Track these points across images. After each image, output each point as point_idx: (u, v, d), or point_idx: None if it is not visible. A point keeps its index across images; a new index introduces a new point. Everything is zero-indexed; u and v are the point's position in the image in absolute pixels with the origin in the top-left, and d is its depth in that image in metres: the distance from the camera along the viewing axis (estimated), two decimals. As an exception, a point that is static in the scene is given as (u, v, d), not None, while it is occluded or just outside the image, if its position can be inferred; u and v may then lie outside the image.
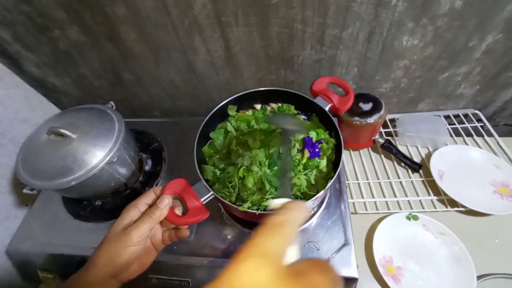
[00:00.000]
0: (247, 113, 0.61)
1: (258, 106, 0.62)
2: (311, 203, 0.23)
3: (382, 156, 0.78)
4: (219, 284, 0.17)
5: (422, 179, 0.72)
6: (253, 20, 0.58)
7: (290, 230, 0.19)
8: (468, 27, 0.57)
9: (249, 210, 0.44)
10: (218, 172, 0.51)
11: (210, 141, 0.56)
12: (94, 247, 0.38)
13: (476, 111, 0.79)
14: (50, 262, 0.62)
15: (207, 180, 0.50)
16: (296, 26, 0.59)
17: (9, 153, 0.71)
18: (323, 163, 0.50)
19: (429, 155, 0.73)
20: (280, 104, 0.60)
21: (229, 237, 0.59)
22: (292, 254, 0.19)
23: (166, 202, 0.40)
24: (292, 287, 0.17)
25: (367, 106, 0.68)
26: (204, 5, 0.56)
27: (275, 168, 0.46)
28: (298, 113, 0.59)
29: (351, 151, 0.80)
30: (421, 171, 0.72)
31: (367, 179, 0.73)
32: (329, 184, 0.45)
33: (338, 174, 0.46)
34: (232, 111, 0.58)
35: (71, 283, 0.36)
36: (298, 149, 0.50)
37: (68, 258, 0.61)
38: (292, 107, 0.59)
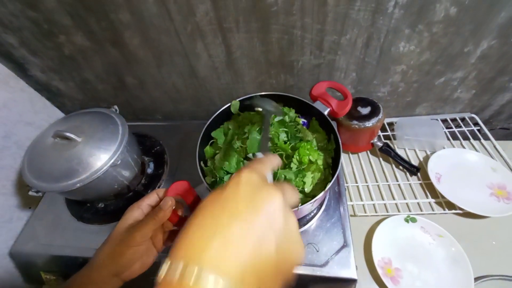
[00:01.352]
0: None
1: (260, 109, 0.63)
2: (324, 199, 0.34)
3: (381, 159, 0.79)
4: (226, 183, 0.25)
5: (420, 182, 0.73)
6: (253, 26, 0.60)
7: (268, 164, 0.30)
8: (463, 33, 0.59)
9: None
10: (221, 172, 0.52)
11: (211, 141, 0.58)
12: (97, 248, 0.39)
13: (473, 115, 0.80)
14: (53, 263, 0.63)
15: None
16: (295, 32, 0.60)
17: (13, 156, 0.72)
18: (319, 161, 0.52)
19: (426, 158, 0.74)
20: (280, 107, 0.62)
21: (230, 238, 0.59)
22: (269, 178, 0.30)
23: (169, 204, 0.41)
24: (270, 185, 0.25)
25: (365, 110, 0.69)
26: (206, 12, 0.57)
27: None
28: (298, 117, 0.60)
29: (350, 154, 0.81)
30: (419, 174, 0.73)
31: (366, 182, 0.74)
32: (328, 187, 0.46)
33: (337, 176, 0.47)
34: (234, 108, 0.60)
35: (74, 281, 0.37)
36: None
37: (71, 260, 0.61)
38: (293, 111, 0.60)
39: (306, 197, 0.49)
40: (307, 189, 0.49)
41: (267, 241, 0.22)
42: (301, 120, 0.59)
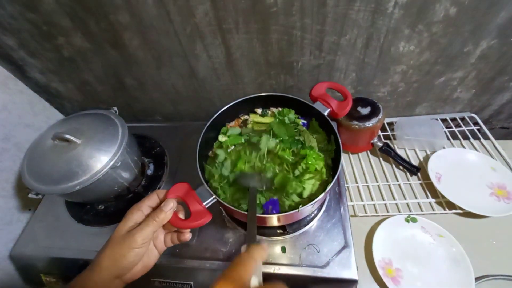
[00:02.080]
0: (245, 117, 0.62)
1: (259, 110, 0.63)
2: (267, 248, 0.35)
3: (381, 159, 0.79)
4: None
5: (420, 181, 0.73)
6: (253, 27, 0.60)
7: (250, 264, 0.28)
8: (463, 33, 0.59)
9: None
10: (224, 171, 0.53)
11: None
12: (97, 250, 0.39)
13: (473, 115, 0.80)
14: (53, 265, 0.63)
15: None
16: (295, 33, 0.60)
17: (12, 158, 0.72)
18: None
19: (427, 158, 0.74)
20: (280, 109, 0.62)
21: (230, 240, 0.59)
22: (254, 281, 0.27)
23: (171, 205, 0.41)
24: None
25: (365, 110, 0.69)
26: (205, 13, 0.57)
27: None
28: (298, 117, 0.60)
29: (350, 155, 0.81)
30: (419, 174, 0.73)
31: (366, 182, 0.74)
32: (328, 187, 0.46)
33: (338, 177, 0.47)
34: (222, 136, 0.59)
35: (75, 284, 0.37)
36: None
37: (71, 262, 0.61)
38: (292, 112, 0.60)
39: (304, 199, 0.49)
40: (305, 194, 0.49)
41: None
42: (301, 121, 0.59)
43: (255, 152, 0.54)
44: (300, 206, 0.45)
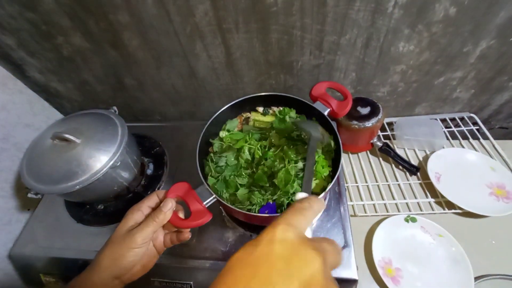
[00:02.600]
0: (247, 115, 0.62)
1: (260, 109, 0.63)
2: (324, 199, 0.30)
3: (380, 159, 0.79)
4: (258, 239, 0.23)
5: (419, 181, 0.73)
6: (253, 27, 0.60)
7: (309, 214, 0.26)
8: (463, 33, 0.59)
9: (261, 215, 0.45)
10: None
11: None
12: (97, 250, 0.39)
13: (472, 115, 0.80)
14: (52, 265, 0.63)
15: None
16: (295, 32, 0.60)
17: (11, 158, 0.72)
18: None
19: (426, 158, 0.74)
20: (281, 108, 0.62)
21: (230, 240, 0.59)
22: (308, 233, 0.26)
23: (170, 205, 0.41)
24: (308, 246, 0.22)
25: (365, 110, 0.69)
26: (205, 12, 0.57)
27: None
28: (298, 117, 0.60)
29: (350, 154, 0.81)
30: (418, 173, 0.73)
31: (366, 182, 0.74)
32: (328, 187, 0.46)
33: (338, 177, 0.47)
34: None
35: (75, 284, 0.37)
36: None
37: (71, 262, 0.61)
38: (293, 111, 0.60)
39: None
40: None
41: None
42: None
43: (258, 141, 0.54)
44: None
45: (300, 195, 0.30)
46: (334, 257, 0.24)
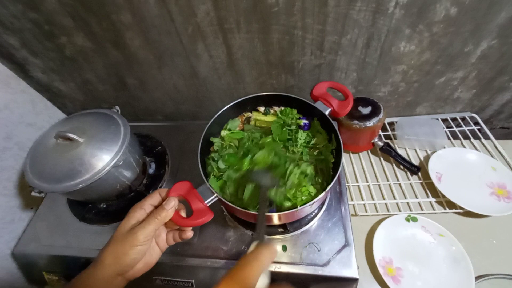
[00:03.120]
0: (249, 115, 0.63)
1: (261, 109, 0.63)
2: (275, 250, 0.31)
3: (381, 158, 0.79)
4: None
5: (420, 181, 0.73)
6: (254, 27, 0.60)
7: (256, 266, 0.26)
8: (463, 33, 0.59)
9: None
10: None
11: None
12: (99, 249, 0.39)
13: (473, 114, 0.80)
14: (55, 264, 0.63)
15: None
16: (296, 32, 0.61)
17: (14, 157, 0.72)
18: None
19: (427, 158, 0.75)
20: (282, 108, 0.62)
21: (231, 238, 0.60)
22: (261, 283, 0.26)
23: (172, 204, 0.41)
24: None
25: (366, 110, 0.69)
26: (207, 12, 0.57)
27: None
28: (299, 118, 0.60)
29: (351, 154, 0.81)
30: (419, 173, 0.73)
31: (367, 182, 0.75)
32: (328, 187, 0.46)
33: (338, 176, 0.47)
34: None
35: (78, 281, 0.37)
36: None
37: (73, 260, 0.62)
38: (294, 111, 0.61)
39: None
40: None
41: None
42: (302, 122, 0.60)
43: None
44: (299, 205, 0.46)
45: (252, 245, 0.31)
46: None
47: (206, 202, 0.44)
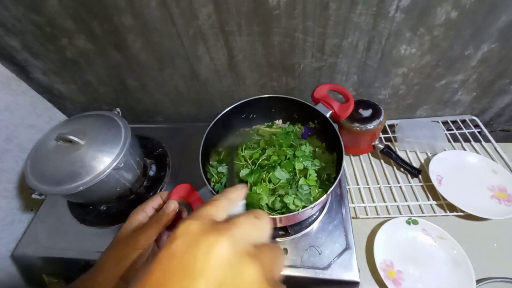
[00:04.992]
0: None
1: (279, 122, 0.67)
2: (243, 187, 0.30)
3: (382, 161, 0.79)
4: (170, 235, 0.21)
5: (421, 184, 0.73)
6: (255, 29, 0.60)
7: (221, 201, 0.25)
8: (464, 36, 0.59)
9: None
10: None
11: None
12: (100, 251, 0.39)
13: (473, 117, 0.81)
14: (55, 266, 0.63)
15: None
16: (297, 35, 0.61)
17: (15, 158, 0.72)
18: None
19: (427, 161, 0.75)
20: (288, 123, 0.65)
21: (232, 241, 0.60)
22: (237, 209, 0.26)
23: (173, 207, 0.41)
24: (211, 231, 0.21)
25: (366, 113, 0.70)
26: (208, 15, 0.58)
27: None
28: (299, 126, 0.61)
29: (352, 156, 0.81)
30: (420, 176, 0.73)
31: (368, 184, 0.74)
32: (329, 191, 0.46)
33: (339, 179, 0.47)
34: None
35: (79, 284, 0.37)
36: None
37: (73, 262, 0.61)
38: (298, 124, 0.63)
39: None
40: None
41: None
42: (304, 128, 0.60)
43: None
44: (300, 208, 0.46)
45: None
46: (254, 228, 0.22)
47: (207, 204, 0.44)
